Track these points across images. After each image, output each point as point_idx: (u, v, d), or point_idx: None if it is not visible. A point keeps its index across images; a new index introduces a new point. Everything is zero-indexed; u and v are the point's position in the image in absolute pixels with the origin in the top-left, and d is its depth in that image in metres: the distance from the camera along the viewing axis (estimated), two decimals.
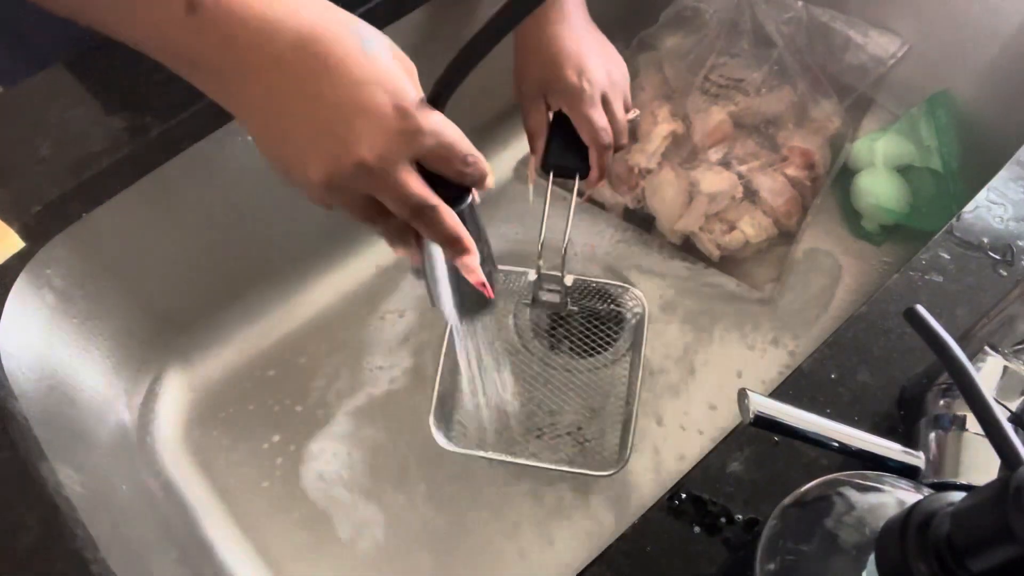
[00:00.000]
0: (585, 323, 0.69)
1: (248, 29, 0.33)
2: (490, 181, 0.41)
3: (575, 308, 0.67)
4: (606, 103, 0.59)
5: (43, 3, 0.36)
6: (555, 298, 0.64)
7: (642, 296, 0.67)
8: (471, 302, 0.46)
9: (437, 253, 0.42)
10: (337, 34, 0.34)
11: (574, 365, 0.67)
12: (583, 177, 0.60)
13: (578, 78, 0.57)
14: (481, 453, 0.61)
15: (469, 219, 0.41)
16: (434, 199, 0.38)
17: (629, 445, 0.60)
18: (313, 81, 0.33)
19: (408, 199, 0.37)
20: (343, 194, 0.37)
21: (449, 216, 0.39)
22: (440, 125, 0.37)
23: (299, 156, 0.35)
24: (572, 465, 0.61)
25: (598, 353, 0.68)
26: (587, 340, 0.69)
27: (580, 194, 0.62)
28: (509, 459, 0.61)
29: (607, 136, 0.58)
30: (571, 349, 0.68)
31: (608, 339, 0.69)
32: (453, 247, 0.40)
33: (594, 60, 0.59)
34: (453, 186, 0.39)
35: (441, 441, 0.61)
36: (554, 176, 0.59)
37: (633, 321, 0.65)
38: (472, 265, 0.40)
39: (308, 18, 0.33)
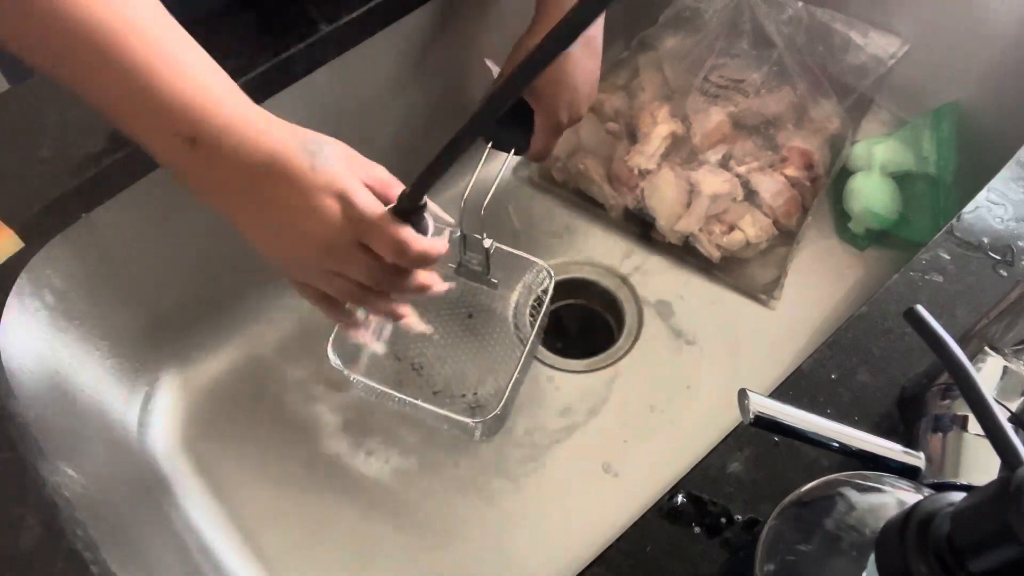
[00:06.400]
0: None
1: (233, 156, 0.41)
2: (412, 323, 0.54)
3: (495, 281, 0.67)
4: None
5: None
6: (476, 267, 0.66)
7: (550, 270, 0.67)
8: None
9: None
10: (291, 155, 0.41)
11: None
12: (517, 154, 0.64)
13: (562, 111, 0.62)
14: (383, 387, 0.62)
15: None
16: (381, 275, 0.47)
17: (503, 400, 0.60)
18: (274, 192, 0.42)
19: (362, 269, 0.46)
20: (312, 273, 0.47)
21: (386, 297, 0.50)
22: (382, 220, 0.43)
23: (276, 249, 0.45)
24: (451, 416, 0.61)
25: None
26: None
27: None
28: (399, 395, 0.61)
29: (546, 158, 0.67)
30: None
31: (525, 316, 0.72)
32: (393, 317, 0.52)
33: (582, 90, 0.63)
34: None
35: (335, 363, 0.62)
36: (492, 145, 0.64)
37: (545, 299, 0.66)
38: (411, 324, 0.56)
39: (270, 143, 0.41)
